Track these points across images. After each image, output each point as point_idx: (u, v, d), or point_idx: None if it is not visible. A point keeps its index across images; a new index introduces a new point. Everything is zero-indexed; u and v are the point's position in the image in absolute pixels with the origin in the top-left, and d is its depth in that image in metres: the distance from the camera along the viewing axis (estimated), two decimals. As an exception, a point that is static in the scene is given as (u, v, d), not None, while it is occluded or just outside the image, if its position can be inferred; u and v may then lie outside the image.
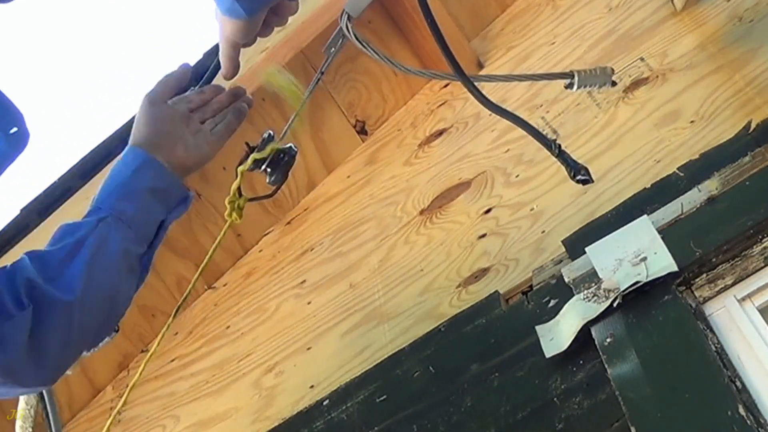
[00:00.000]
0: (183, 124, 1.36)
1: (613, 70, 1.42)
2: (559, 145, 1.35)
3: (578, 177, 1.34)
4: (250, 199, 1.42)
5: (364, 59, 2.19)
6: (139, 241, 1.29)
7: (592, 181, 1.35)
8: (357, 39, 1.35)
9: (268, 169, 1.40)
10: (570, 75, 1.40)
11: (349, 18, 1.40)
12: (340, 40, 1.42)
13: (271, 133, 1.41)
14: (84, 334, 1.22)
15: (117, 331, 1.37)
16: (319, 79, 1.44)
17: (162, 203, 1.32)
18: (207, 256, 1.49)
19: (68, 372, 1.25)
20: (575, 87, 1.41)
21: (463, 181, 1.95)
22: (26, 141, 1.21)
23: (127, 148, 1.34)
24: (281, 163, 1.39)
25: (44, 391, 1.52)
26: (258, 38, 1.34)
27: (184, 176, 1.36)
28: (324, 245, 2.08)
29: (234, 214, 1.40)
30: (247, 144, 1.41)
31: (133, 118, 1.37)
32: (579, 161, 1.35)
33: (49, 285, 1.17)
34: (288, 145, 1.40)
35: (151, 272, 1.36)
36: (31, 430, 1.45)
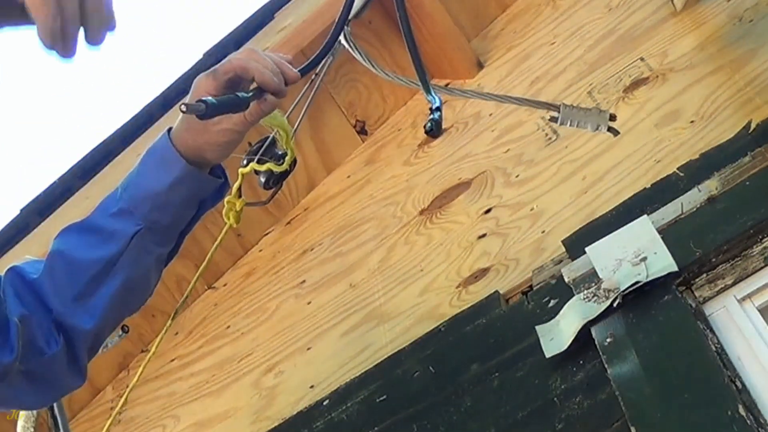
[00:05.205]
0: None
1: (613, 116, 1.33)
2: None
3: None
4: (248, 204, 1.43)
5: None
6: (170, 242, 1.28)
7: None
8: (346, 39, 1.32)
9: (262, 179, 1.42)
10: (556, 107, 1.33)
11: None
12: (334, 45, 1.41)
13: (275, 137, 1.42)
14: (109, 333, 1.30)
15: (126, 332, 1.38)
16: (313, 75, 1.43)
17: (196, 203, 1.29)
18: (206, 259, 1.49)
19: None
20: (559, 122, 1.36)
21: (463, 181, 1.95)
22: None
23: (166, 144, 1.22)
24: (277, 174, 1.41)
25: None
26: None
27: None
28: (324, 245, 2.08)
29: (231, 217, 1.41)
30: (249, 144, 1.41)
31: (135, 116, 1.33)
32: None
33: (74, 312, 1.20)
34: (285, 169, 1.40)
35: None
36: (32, 430, 1.45)
